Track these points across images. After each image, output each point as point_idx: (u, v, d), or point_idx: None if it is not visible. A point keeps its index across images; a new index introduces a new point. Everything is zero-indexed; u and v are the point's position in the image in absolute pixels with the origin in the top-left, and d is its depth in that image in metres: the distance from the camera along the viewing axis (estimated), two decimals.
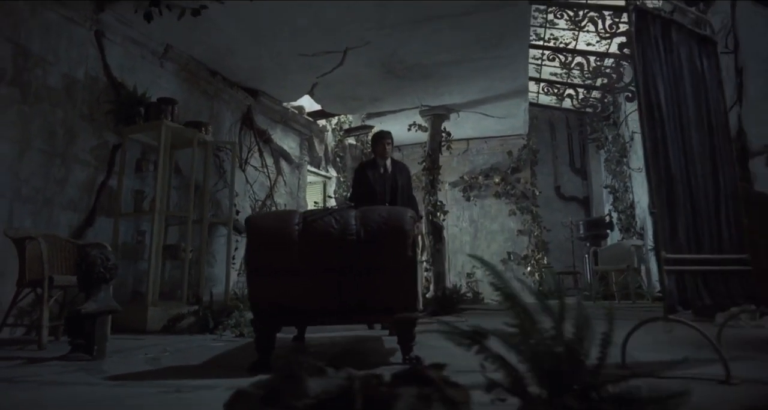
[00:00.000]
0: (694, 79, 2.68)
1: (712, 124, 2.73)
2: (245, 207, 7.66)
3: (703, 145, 2.65)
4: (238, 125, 7.89)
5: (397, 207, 2.81)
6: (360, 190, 5.26)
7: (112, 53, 5.76)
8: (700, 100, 2.66)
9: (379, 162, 5.37)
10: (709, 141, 2.69)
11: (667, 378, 2.00)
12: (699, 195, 2.40)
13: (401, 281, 2.48)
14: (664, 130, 2.40)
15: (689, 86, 2.63)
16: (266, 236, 2.51)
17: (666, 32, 2.58)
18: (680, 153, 2.42)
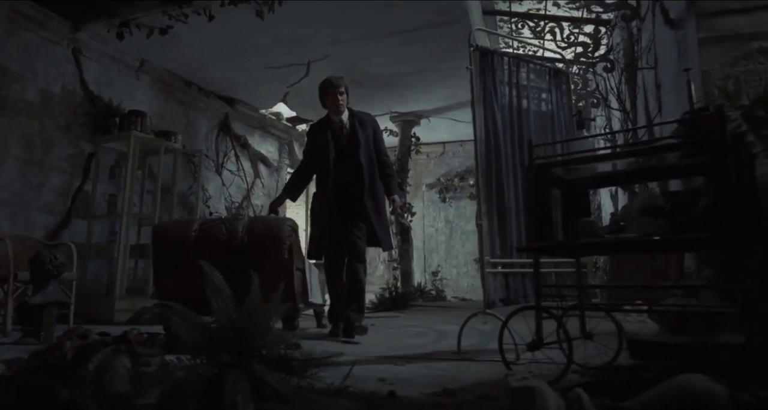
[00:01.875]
0: (540, 104, 3.13)
1: (565, 128, 3.17)
2: (220, 209, 8.19)
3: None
4: (215, 132, 8.42)
5: (277, 218, 3.27)
6: (303, 161, 4.31)
7: (89, 69, 6.31)
8: (546, 123, 3.10)
9: (332, 119, 4.15)
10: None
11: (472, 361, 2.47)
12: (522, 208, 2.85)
13: (279, 280, 2.96)
14: (499, 153, 2.85)
15: (532, 111, 3.07)
16: (168, 240, 3.01)
17: (510, 67, 3.02)
18: (511, 173, 2.87)
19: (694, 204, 1.78)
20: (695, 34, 4.67)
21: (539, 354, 2.03)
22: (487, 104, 2.87)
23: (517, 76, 3.08)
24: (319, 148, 4.06)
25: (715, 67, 4.50)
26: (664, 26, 5.38)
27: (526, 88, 3.11)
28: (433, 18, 6.24)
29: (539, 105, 3.15)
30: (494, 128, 2.86)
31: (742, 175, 1.62)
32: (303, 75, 7.70)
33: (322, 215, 3.79)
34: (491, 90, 2.90)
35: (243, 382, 1.29)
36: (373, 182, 4.02)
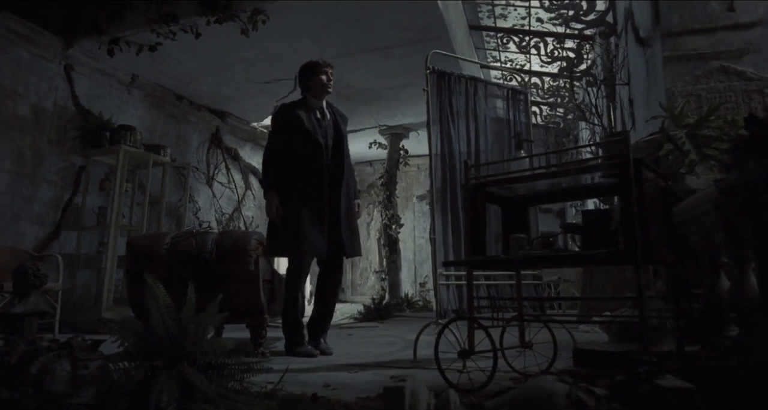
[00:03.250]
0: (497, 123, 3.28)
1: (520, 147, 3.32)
2: (211, 220, 8.35)
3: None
4: (206, 145, 8.60)
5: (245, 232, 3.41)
6: (288, 140, 3.55)
7: (80, 84, 6.49)
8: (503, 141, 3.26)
9: (312, 104, 3.75)
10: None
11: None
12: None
13: (246, 290, 3.12)
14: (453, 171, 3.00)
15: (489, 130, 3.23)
16: (141, 252, 3.16)
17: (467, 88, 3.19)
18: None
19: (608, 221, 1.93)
20: (660, 53, 4.83)
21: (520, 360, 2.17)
22: (443, 123, 3.02)
23: (474, 97, 3.24)
24: (303, 133, 3.52)
25: (678, 84, 4.66)
26: (635, 44, 5.55)
27: (483, 108, 3.27)
28: (414, 35, 6.42)
29: (497, 124, 3.30)
30: (449, 147, 3.01)
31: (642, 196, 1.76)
32: (291, 89, 7.88)
33: (316, 210, 3.38)
34: (447, 110, 3.06)
35: (171, 384, 1.43)
36: (350, 180, 3.65)
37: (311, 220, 3.36)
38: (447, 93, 3.14)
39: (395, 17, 6.04)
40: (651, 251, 1.77)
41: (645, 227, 1.77)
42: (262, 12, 5.70)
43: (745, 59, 4.55)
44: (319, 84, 3.76)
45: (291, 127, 3.59)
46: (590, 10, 6.96)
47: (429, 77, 3.13)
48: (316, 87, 3.79)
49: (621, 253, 1.75)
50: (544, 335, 2.69)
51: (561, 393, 1.15)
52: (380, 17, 6.04)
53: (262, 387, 1.73)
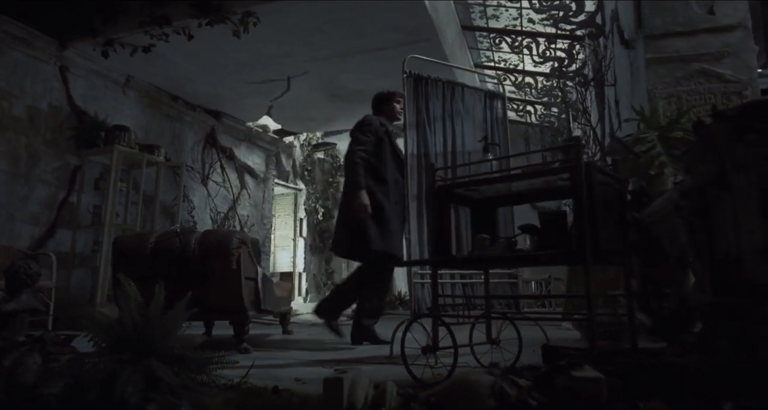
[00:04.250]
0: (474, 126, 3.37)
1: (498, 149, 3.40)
2: (205, 219, 8.45)
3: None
4: (202, 144, 8.69)
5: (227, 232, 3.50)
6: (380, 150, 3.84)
7: (75, 85, 6.59)
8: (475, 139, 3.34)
9: (387, 125, 4.12)
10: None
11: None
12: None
13: (228, 288, 3.21)
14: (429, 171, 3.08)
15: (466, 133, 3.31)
16: (126, 251, 3.25)
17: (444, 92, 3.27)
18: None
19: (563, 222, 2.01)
20: (643, 55, 4.91)
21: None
22: (419, 126, 3.11)
23: (451, 101, 3.32)
24: (393, 147, 3.89)
25: (659, 86, 4.74)
26: (620, 46, 5.63)
27: (460, 111, 3.35)
28: (405, 37, 6.50)
29: (473, 127, 3.39)
30: (426, 149, 3.10)
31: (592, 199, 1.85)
32: (285, 90, 7.98)
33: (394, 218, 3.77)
34: (424, 114, 3.15)
35: (137, 376, 1.52)
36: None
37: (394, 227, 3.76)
38: (424, 97, 3.23)
39: (385, 19, 6.12)
40: (601, 252, 1.85)
41: (595, 229, 1.85)
42: (252, 14, 5.79)
43: (725, 62, 4.62)
44: (392, 111, 4.20)
45: (382, 139, 3.91)
46: (579, 11, 7.04)
47: (406, 81, 3.21)
48: (389, 113, 4.23)
49: (571, 253, 1.83)
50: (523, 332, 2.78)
51: (486, 384, 1.23)
52: (371, 19, 6.12)
53: (229, 380, 1.82)
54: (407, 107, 3.14)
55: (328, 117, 9.19)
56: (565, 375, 1.24)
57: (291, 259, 11.13)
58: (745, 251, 1.79)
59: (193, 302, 3.21)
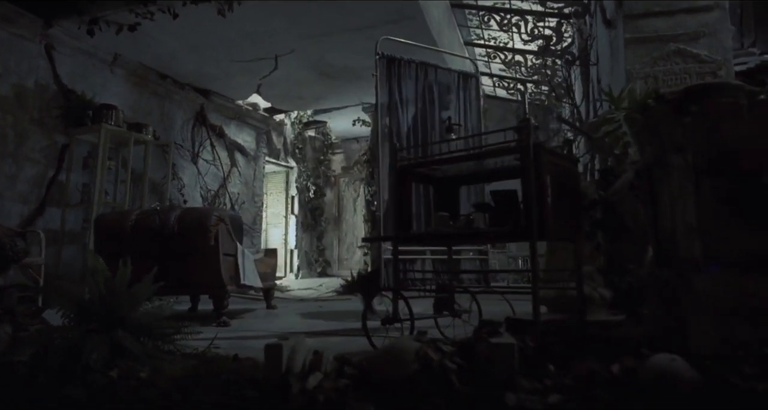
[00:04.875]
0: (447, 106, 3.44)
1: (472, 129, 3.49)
2: (195, 197, 8.54)
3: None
4: (191, 122, 8.73)
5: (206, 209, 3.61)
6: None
7: (62, 63, 6.60)
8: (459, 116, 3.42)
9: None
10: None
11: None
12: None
13: (206, 264, 3.32)
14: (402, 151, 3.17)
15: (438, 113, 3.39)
16: (108, 229, 3.35)
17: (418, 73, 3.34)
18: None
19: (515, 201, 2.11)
20: (622, 35, 4.95)
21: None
22: (392, 106, 3.18)
23: (425, 81, 3.39)
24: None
25: (637, 66, 4.79)
26: (602, 25, 5.65)
27: (434, 91, 3.42)
28: (389, 15, 6.49)
29: (446, 107, 3.46)
30: (398, 129, 3.18)
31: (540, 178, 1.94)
32: (273, 68, 7.99)
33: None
34: (396, 94, 3.22)
35: (102, 345, 1.63)
36: None
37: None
38: (397, 77, 3.29)
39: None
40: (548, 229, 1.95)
41: (542, 207, 1.95)
42: None
43: (701, 42, 4.67)
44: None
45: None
46: None
47: (378, 63, 3.28)
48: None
49: (517, 230, 1.93)
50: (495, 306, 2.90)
51: (411, 350, 1.34)
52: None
53: (195, 349, 1.94)
54: (379, 87, 3.21)
55: (317, 95, 9.21)
56: (485, 341, 1.35)
57: (283, 236, 11.26)
58: (678, 227, 1.89)
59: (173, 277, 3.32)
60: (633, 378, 1.15)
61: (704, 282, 1.81)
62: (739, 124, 1.85)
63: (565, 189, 2.23)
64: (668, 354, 1.23)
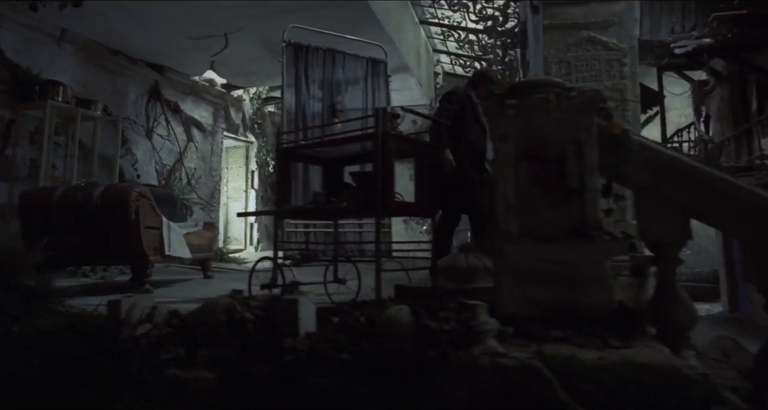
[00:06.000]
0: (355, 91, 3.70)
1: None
2: (150, 172, 8.70)
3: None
4: (145, 98, 8.83)
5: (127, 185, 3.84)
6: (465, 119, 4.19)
7: (6, 38, 6.65)
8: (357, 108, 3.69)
9: (474, 98, 4.39)
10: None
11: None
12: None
13: (128, 236, 3.58)
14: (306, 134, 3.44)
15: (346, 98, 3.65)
16: (33, 205, 3.58)
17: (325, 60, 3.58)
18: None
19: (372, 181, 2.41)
20: (542, 21, 5.23)
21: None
22: (298, 91, 3.43)
23: (332, 68, 3.63)
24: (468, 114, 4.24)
25: (553, 51, 5.09)
26: (530, 11, 5.92)
27: (341, 77, 3.67)
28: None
29: (355, 92, 3.71)
30: (303, 113, 3.43)
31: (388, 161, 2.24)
32: (224, 46, 8.10)
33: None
34: (303, 79, 3.46)
35: None
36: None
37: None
38: (304, 63, 3.53)
39: None
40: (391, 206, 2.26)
41: (388, 186, 2.25)
42: None
43: (611, 30, 4.97)
44: (484, 90, 4.39)
45: (465, 108, 4.23)
46: None
47: (285, 50, 3.51)
48: (482, 91, 4.40)
49: (363, 206, 2.24)
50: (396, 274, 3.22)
51: (222, 304, 1.64)
52: None
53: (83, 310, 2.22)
54: (286, 73, 3.45)
55: (268, 72, 9.33)
56: (279, 298, 1.66)
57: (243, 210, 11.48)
58: (500, 204, 2.21)
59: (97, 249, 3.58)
60: (371, 323, 1.46)
61: (512, 251, 2.14)
62: (548, 117, 2.16)
63: (427, 171, 2.53)
64: (401, 306, 1.55)
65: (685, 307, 2.12)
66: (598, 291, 2.04)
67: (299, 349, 1.40)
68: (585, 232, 2.07)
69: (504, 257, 2.15)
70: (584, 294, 2.04)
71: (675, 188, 2.09)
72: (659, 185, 2.12)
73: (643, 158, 2.12)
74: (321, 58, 3.66)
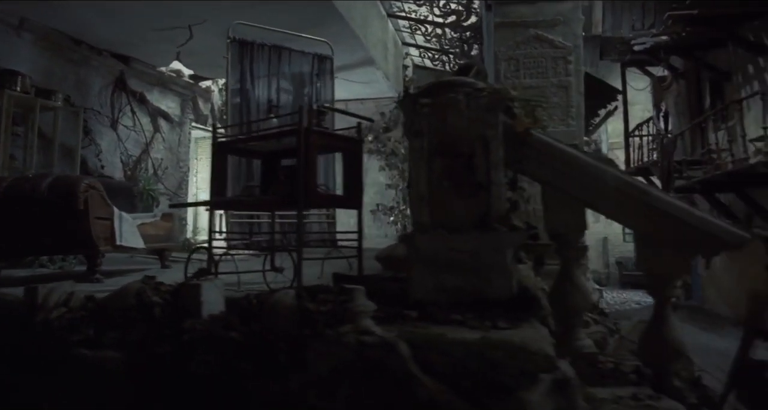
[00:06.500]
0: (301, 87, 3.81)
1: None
2: (115, 163, 8.70)
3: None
4: (110, 88, 8.80)
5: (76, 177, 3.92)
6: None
7: None
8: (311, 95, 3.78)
9: None
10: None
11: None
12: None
13: (77, 227, 3.66)
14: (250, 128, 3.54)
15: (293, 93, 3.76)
16: None
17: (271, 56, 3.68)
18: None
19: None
20: (493, 19, 5.38)
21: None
22: (244, 88, 3.53)
23: (278, 64, 3.74)
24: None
25: (502, 49, 5.25)
26: (485, 8, 6.07)
27: (287, 73, 3.78)
28: None
29: (301, 88, 3.83)
30: (248, 108, 3.54)
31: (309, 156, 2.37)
32: (188, 37, 8.12)
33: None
34: (248, 75, 3.57)
35: None
36: None
37: None
38: (249, 59, 3.63)
39: None
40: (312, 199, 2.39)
41: (310, 179, 2.38)
42: None
43: (557, 29, 5.15)
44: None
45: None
46: None
47: (230, 46, 3.60)
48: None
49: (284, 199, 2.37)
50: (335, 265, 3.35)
51: (133, 289, 1.77)
52: None
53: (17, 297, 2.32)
54: (231, 69, 3.54)
55: None
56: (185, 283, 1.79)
57: None
58: (414, 197, 2.36)
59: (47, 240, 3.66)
60: (261, 305, 1.60)
61: (423, 241, 2.29)
62: (459, 116, 2.31)
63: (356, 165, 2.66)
64: (288, 289, 1.69)
65: (581, 292, 2.30)
66: (498, 278, 2.20)
67: (198, 329, 1.53)
68: (488, 223, 2.23)
69: (416, 247, 2.31)
70: (487, 281, 2.20)
71: (572, 182, 2.26)
72: (558, 180, 2.29)
73: (544, 155, 2.29)
74: (266, 54, 3.76)
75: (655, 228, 2.16)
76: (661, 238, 2.15)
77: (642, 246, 2.21)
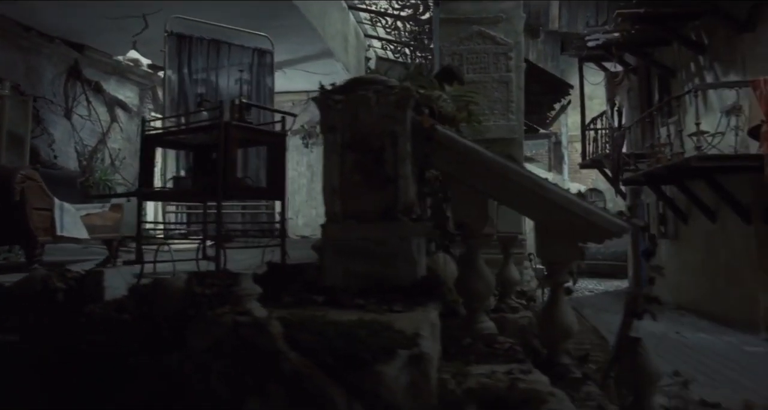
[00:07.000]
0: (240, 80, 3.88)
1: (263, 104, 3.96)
2: (69, 152, 8.61)
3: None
4: (64, 77, 8.68)
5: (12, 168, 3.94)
6: None
7: None
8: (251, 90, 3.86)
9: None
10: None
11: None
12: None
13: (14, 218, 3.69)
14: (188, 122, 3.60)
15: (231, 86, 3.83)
16: None
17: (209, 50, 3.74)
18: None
19: None
20: (438, 15, 5.50)
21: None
22: (182, 81, 3.59)
23: (217, 58, 3.80)
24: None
25: (447, 44, 5.38)
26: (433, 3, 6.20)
27: (226, 67, 3.85)
28: None
29: (239, 81, 3.90)
30: (185, 101, 3.60)
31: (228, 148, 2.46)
32: (144, 26, 8.05)
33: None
34: (186, 69, 3.62)
35: None
36: None
37: None
38: (187, 53, 3.69)
39: None
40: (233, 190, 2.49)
41: (230, 171, 2.48)
42: None
43: (500, 26, 5.30)
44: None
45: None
46: None
47: (167, 40, 3.65)
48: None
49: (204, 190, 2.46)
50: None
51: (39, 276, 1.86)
52: None
53: None
54: (168, 62, 3.60)
55: None
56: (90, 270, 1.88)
57: None
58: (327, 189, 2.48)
59: None
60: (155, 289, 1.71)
61: (334, 231, 2.41)
62: (370, 112, 2.43)
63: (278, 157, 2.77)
64: (180, 274, 1.80)
65: (483, 280, 2.46)
66: (403, 265, 2.34)
67: (96, 313, 1.62)
68: (394, 214, 2.36)
69: (328, 236, 2.43)
70: (392, 268, 2.34)
71: (474, 176, 2.40)
72: (462, 173, 2.43)
73: (449, 150, 2.43)
74: (205, 48, 3.83)
75: (549, 219, 2.32)
76: (554, 228, 2.32)
77: (538, 235, 2.38)
